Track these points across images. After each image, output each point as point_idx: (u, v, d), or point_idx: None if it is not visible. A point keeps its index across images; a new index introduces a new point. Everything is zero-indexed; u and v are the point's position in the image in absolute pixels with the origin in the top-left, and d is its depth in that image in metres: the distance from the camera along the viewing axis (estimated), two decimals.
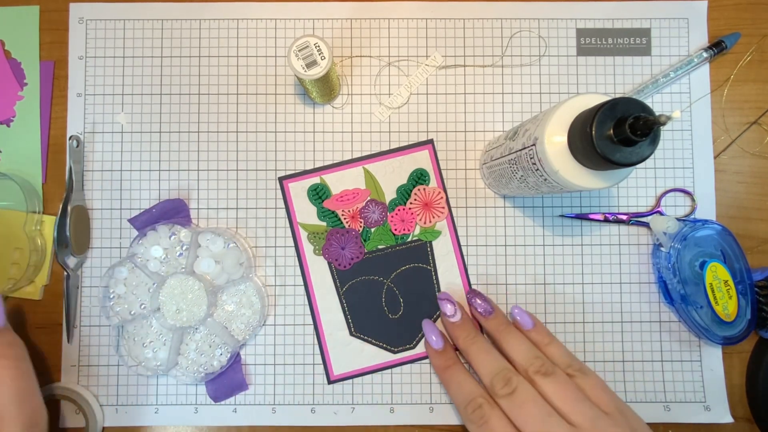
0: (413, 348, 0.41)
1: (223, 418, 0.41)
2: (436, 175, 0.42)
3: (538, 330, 0.37)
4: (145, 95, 0.42)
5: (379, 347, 0.41)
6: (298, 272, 0.42)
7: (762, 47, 0.43)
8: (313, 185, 0.42)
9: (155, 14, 0.43)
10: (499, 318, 0.38)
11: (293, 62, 0.35)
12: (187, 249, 0.40)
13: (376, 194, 0.42)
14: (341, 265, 0.41)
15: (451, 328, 0.39)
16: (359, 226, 0.41)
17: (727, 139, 0.43)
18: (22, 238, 0.40)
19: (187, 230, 0.40)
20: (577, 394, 0.33)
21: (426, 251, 0.42)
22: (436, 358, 0.39)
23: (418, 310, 0.42)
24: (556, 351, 0.36)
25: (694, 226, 0.40)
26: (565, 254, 0.42)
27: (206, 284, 0.39)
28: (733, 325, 0.39)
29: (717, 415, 0.41)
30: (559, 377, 0.34)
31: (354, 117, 0.43)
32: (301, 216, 0.42)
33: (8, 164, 0.42)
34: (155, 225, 0.40)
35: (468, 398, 0.35)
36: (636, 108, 0.26)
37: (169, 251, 0.40)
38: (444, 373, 0.38)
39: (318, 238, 0.42)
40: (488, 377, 0.35)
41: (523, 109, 0.43)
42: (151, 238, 0.40)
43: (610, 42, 0.43)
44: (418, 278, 0.42)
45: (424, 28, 0.43)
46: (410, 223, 0.41)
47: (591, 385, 0.34)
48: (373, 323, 0.41)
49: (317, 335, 0.41)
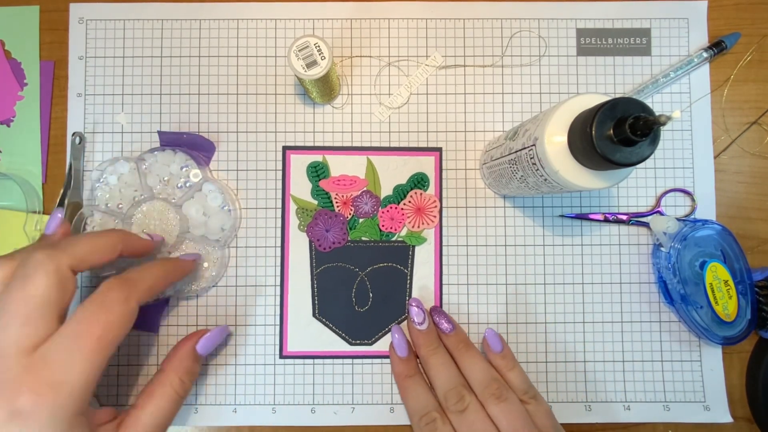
0: (370, 345, 0.41)
1: (223, 418, 0.41)
2: (436, 184, 0.42)
3: (504, 355, 0.38)
4: (145, 95, 0.42)
5: (338, 335, 0.41)
6: (279, 243, 0.42)
7: (762, 47, 0.43)
8: (314, 162, 0.42)
9: (155, 14, 0.43)
10: (459, 336, 0.39)
11: (293, 62, 0.35)
12: (189, 186, 0.40)
13: (373, 186, 0.42)
14: (322, 247, 0.41)
15: (416, 335, 0.39)
16: (349, 213, 0.42)
17: (727, 139, 0.43)
18: (22, 238, 0.40)
19: (199, 170, 0.40)
20: (526, 421, 0.34)
21: (407, 254, 0.42)
22: (398, 365, 0.39)
23: (384, 309, 0.42)
24: (516, 377, 0.37)
25: (694, 226, 0.40)
26: (565, 254, 0.42)
27: (182, 225, 0.39)
28: (733, 325, 0.39)
29: (717, 415, 0.41)
30: (512, 403, 0.35)
31: (354, 117, 0.43)
32: (295, 189, 0.42)
33: (8, 164, 0.42)
34: (177, 148, 0.41)
35: (423, 411, 0.36)
36: (636, 108, 0.26)
37: (174, 178, 0.40)
38: (404, 381, 0.39)
39: (306, 214, 0.42)
40: (443, 390, 0.36)
41: (523, 109, 0.43)
42: (166, 156, 0.40)
43: (610, 42, 0.43)
44: (393, 278, 0.42)
45: (424, 28, 0.43)
46: (399, 223, 0.42)
47: (541, 413, 0.36)
48: (337, 311, 0.42)
49: (280, 307, 0.41)
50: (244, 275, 0.42)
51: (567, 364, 0.41)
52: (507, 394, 0.35)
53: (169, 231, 0.39)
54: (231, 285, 0.41)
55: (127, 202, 0.40)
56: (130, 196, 0.40)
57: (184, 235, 0.40)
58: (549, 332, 0.42)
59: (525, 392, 0.36)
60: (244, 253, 0.42)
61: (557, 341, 0.42)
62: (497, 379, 0.36)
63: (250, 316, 0.41)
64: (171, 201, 0.40)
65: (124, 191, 0.40)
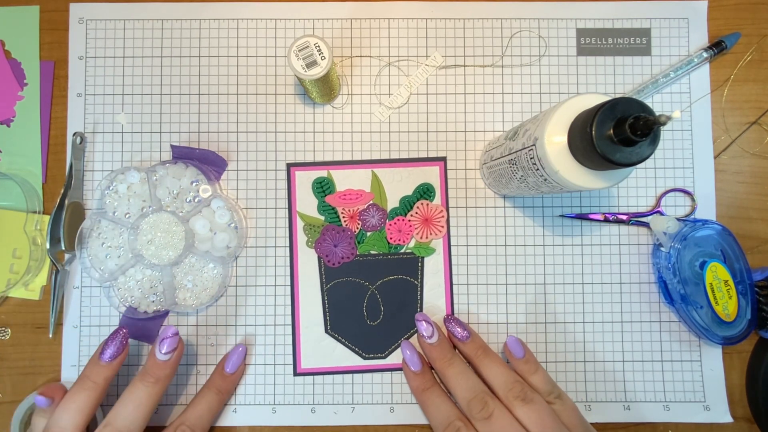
0: (384, 358, 0.41)
1: (223, 418, 0.40)
2: (442, 193, 0.42)
3: (527, 359, 0.38)
4: (145, 95, 0.42)
5: (351, 350, 0.41)
6: (287, 263, 0.42)
7: (762, 47, 0.43)
8: (318, 178, 0.42)
9: (155, 14, 0.43)
10: (477, 342, 0.39)
11: (293, 62, 0.35)
12: (198, 201, 0.40)
13: (379, 199, 0.42)
14: (330, 262, 0.41)
15: (428, 349, 0.39)
16: (356, 227, 0.41)
17: (727, 139, 0.43)
18: (22, 238, 0.40)
19: (209, 186, 0.40)
20: (554, 422, 0.34)
21: (416, 265, 0.42)
22: (413, 380, 0.39)
23: (396, 321, 0.41)
24: (540, 380, 0.37)
25: (694, 226, 0.40)
26: (565, 254, 0.42)
27: (188, 239, 0.39)
28: (733, 325, 0.39)
29: (717, 415, 0.41)
30: (538, 403, 0.34)
31: (354, 117, 0.43)
32: (301, 206, 0.42)
33: (8, 164, 0.42)
34: (189, 162, 0.41)
35: (446, 421, 0.35)
36: (636, 108, 0.26)
37: (183, 191, 0.40)
38: (421, 395, 0.38)
39: (313, 230, 0.42)
40: (465, 400, 0.35)
41: (523, 109, 0.43)
42: (177, 169, 0.40)
43: (610, 42, 0.43)
44: (403, 290, 0.42)
45: (424, 28, 0.43)
46: (407, 235, 0.41)
47: (567, 411, 0.35)
48: (350, 325, 0.41)
49: (292, 325, 0.41)
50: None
51: (567, 363, 0.41)
52: (532, 395, 0.35)
53: (174, 244, 0.39)
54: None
55: (134, 212, 0.40)
56: (138, 207, 0.40)
57: (189, 249, 0.40)
58: (549, 332, 0.42)
59: (549, 393, 0.36)
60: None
61: (557, 341, 0.42)
62: (520, 381, 0.36)
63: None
64: (178, 214, 0.40)
65: (132, 201, 0.40)
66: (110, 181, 0.40)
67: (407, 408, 0.41)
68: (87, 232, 0.40)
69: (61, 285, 0.41)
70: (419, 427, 0.41)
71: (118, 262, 0.40)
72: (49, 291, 0.41)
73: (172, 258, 0.39)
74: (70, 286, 0.41)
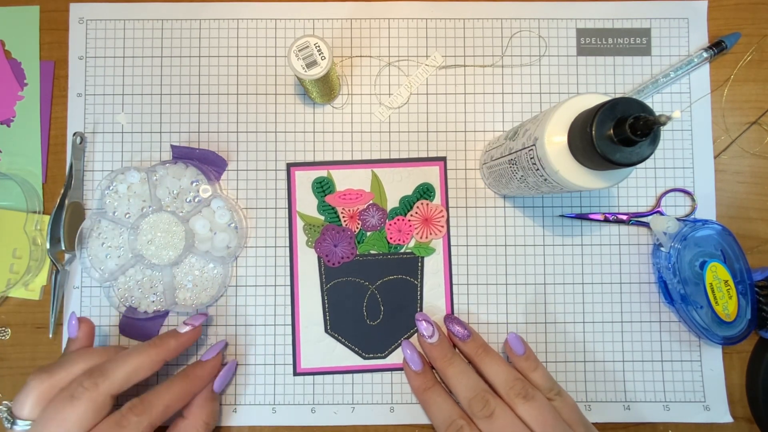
0: (384, 358, 0.41)
1: (223, 418, 0.40)
2: (442, 193, 0.42)
3: (527, 356, 0.38)
4: (145, 95, 0.42)
5: (351, 350, 0.41)
6: (287, 263, 0.42)
7: (762, 47, 0.43)
8: (318, 178, 0.42)
9: (155, 14, 0.43)
10: (477, 341, 0.39)
11: (293, 62, 0.35)
12: (198, 201, 0.40)
13: (379, 199, 0.42)
14: (330, 262, 0.41)
15: (428, 349, 0.39)
16: (356, 227, 0.41)
17: (727, 139, 0.43)
18: (22, 238, 0.40)
19: (209, 186, 0.40)
20: (556, 419, 0.34)
21: (416, 265, 0.42)
22: (414, 380, 0.39)
23: (396, 321, 0.41)
24: (540, 377, 0.37)
25: (694, 226, 0.40)
26: (565, 254, 0.42)
27: (188, 239, 0.39)
28: (733, 325, 0.39)
29: (717, 415, 0.41)
30: (539, 401, 0.35)
31: (354, 117, 0.43)
32: (301, 206, 0.42)
33: (8, 164, 0.42)
34: (189, 162, 0.41)
35: (448, 420, 0.36)
36: (636, 108, 0.26)
37: (183, 191, 0.40)
38: (423, 394, 0.38)
39: (313, 230, 0.42)
40: (466, 399, 0.36)
41: (523, 109, 0.43)
42: (177, 169, 0.40)
43: (610, 42, 0.43)
44: (403, 290, 0.42)
45: (424, 28, 0.43)
46: (407, 235, 0.41)
47: (567, 408, 0.36)
48: (349, 325, 0.41)
49: (292, 325, 0.41)
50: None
51: (567, 363, 0.41)
52: (533, 393, 0.35)
53: (174, 244, 0.39)
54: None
55: (135, 211, 0.40)
56: (138, 207, 0.40)
57: (189, 249, 0.40)
58: (549, 332, 0.42)
59: (550, 390, 0.36)
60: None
61: (557, 341, 0.42)
62: (520, 378, 0.36)
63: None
64: (178, 214, 0.40)
65: (132, 201, 0.40)
66: (110, 181, 0.41)
67: (407, 408, 0.41)
68: (87, 232, 0.40)
69: (61, 285, 0.41)
70: (419, 427, 0.41)
71: (118, 262, 0.40)
72: (49, 291, 0.41)
73: (172, 258, 0.39)
74: (70, 286, 0.41)
